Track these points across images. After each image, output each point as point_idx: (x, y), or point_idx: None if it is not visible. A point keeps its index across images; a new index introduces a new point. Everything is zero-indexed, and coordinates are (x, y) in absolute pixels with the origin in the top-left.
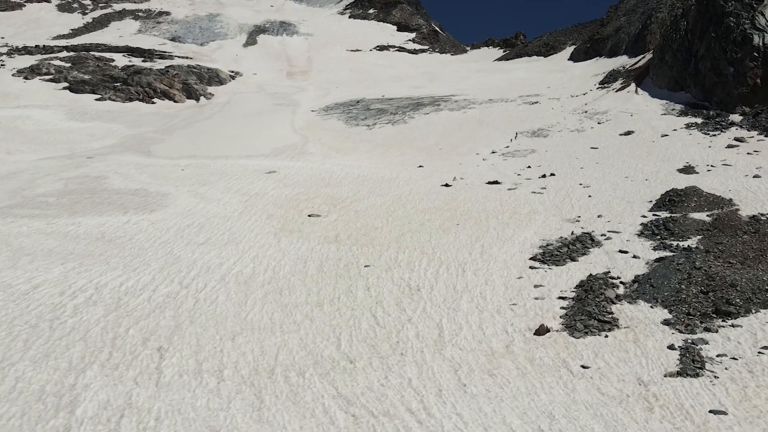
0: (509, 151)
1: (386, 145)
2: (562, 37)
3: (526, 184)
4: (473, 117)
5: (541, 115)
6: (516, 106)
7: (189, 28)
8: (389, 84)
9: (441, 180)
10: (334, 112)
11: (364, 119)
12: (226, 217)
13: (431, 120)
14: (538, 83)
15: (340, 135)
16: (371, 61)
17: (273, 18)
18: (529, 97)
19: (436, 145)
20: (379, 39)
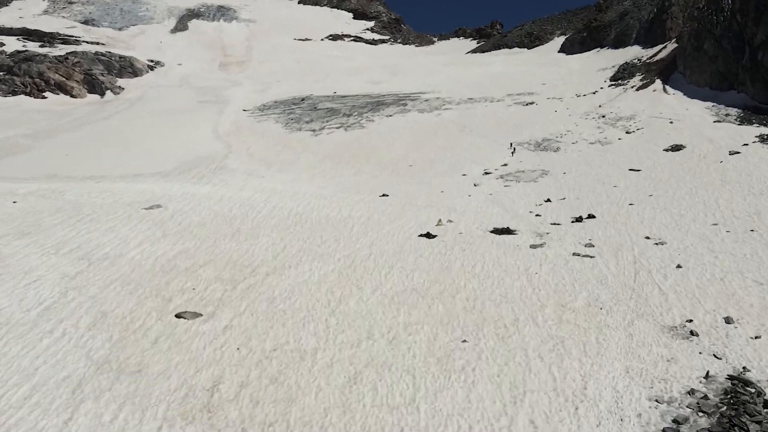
0: (510, 172)
1: (337, 159)
2: (548, 25)
3: (556, 235)
4: (451, 121)
5: (542, 119)
6: (506, 107)
7: (107, 9)
8: (343, 78)
9: (418, 222)
10: (272, 112)
11: (309, 122)
12: None
13: (396, 124)
14: (527, 79)
15: (276, 143)
16: (322, 52)
17: (210, 2)
18: (521, 96)
19: (405, 160)
20: (332, 27)
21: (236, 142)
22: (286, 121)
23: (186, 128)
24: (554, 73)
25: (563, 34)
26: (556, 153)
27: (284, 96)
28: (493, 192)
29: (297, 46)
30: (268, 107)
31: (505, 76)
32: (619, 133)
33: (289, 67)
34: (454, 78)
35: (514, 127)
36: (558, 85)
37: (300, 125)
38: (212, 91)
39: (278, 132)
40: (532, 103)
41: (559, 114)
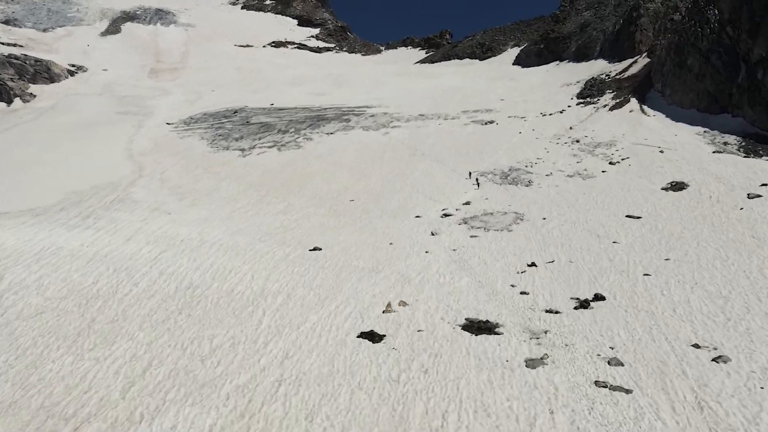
0: (474, 214)
1: (264, 188)
2: (500, 36)
3: (559, 337)
4: (400, 141)
5: (506, 142)
6: (462, 126)
7: (33, 9)
8: (284, 88)
9: (359, 306)
10: (199, 126)
11: (238, 139)
12: None
13: (338, 144)
14: (483, 93)
15: (197, 165)
16: (264, 59)
17: (147, 4)
18: (478, 113)
19: (346, 192)
20: (276, 34)
21: (151, 163)
22: (213, 138)
23: (93, 146)
24: (512, 89)
25: (517, 45)
26: (528, 188)
27: (216, 107)
28: (457, 247)
29: (238, 52)
30: (196, 120)
31: (459, 89)
32: (600, 163)
33: (227, 75)
34: (403, 90)
35: (474, 153)
36: (518, 102)
37: (228, 143)
38: (136, 101)
39: (202, 151)
40: (492, 122)
41: (524, 137)
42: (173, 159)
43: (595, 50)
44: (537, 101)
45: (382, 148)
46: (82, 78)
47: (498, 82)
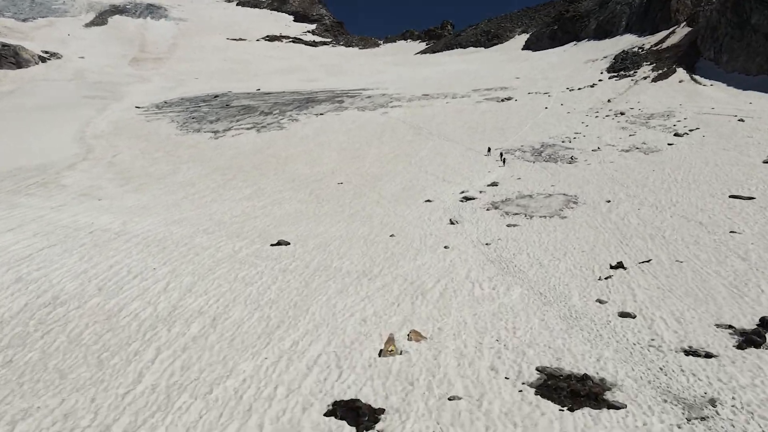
0: (506, 196)
1: (232, 171)
2: (506, 23)
3: (741, 416)
4: (401, 121)
5: (531, 117)
6: (474, 104)
7: (16, 1)
8: (273, 77)
9: (334, 346)
10: (171, 110)
11: (213, 121)
12: None
13: (328, 124)
14: (494, 74)
15: (158, 149)
16: (256, 52)
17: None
18: (492, 91)
19: (334, 174)
20: (270, 29)
21: (103, 146)
22: (185, 121)
23: (44, 128)
24: (528, 68)
25: (525, 31)
26: (573, 165)
27: (196, 93)
28: (491, 240)
29: (229, 45)
30: (170, 104)
31: (467, 72)
32: (662, 135)
33: (213, 65)
34: (404, 76)
35: (492, 130)
36: (537, 79)
37: (201, 125)
38: (109, 87)
39: (168, 134)
40: (510, 98)
41: (552, 112)
42: (132, 142)
43: (620, 25)
44: (559, 78)
45: (380, 128)
46: (54, 64)
47: (510, 64)
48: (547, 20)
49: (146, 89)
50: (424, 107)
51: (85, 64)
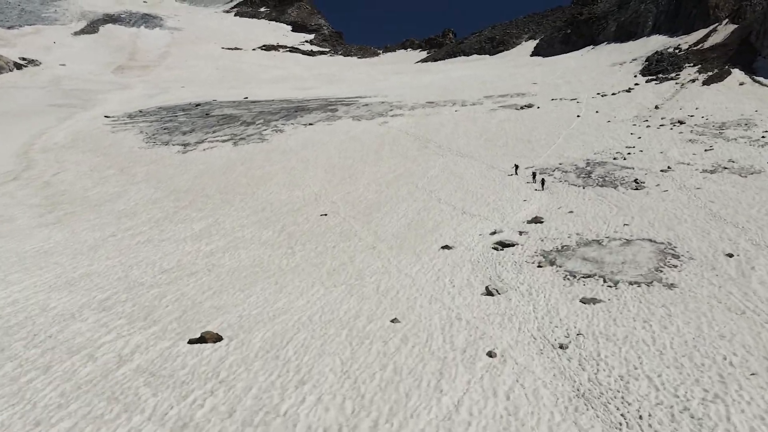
0: (563, 241)
1: (189, 197)
2: (512, 29)
3: None
4: (403, 131)
5: (563, 128)
6: (488, 111)
7: (3, 8)
8: (265, 85)
9: None
10: (144, 119)
11: (187, 133)
12: None
13: (316, 136)
14: (507, 79)
15: (111, 165)
16: (250, 61)
17: (134, 9)
18: (508, 97)
19: (317, 203)
20: (267, 38)
21: (47, 162)
22: (155, 132)
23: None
24: (545, 73)
25: (532, 37)
26: (640, 192)
27: (177, 101)
28: (564, 337)
29: (223, 54)
30: (145, 114)
31: (475, 78)
32: (753, 150)
33: (204, 73)
34: (405, 83)
35: (517, 142)
36: (559, 84)
37: (171, 137)
38: (83, 94)
39: (131, 147)
40: (530, 106)
41: (588, 121)
42: (85, 156)
43: (645, 26)
44: (585, 82)
45: (379, 140)
46: (30, 71)
47: (522, 69)
48: (558, 25)
49: (125, 97)
50: (430, 116)
51: (64, 71)
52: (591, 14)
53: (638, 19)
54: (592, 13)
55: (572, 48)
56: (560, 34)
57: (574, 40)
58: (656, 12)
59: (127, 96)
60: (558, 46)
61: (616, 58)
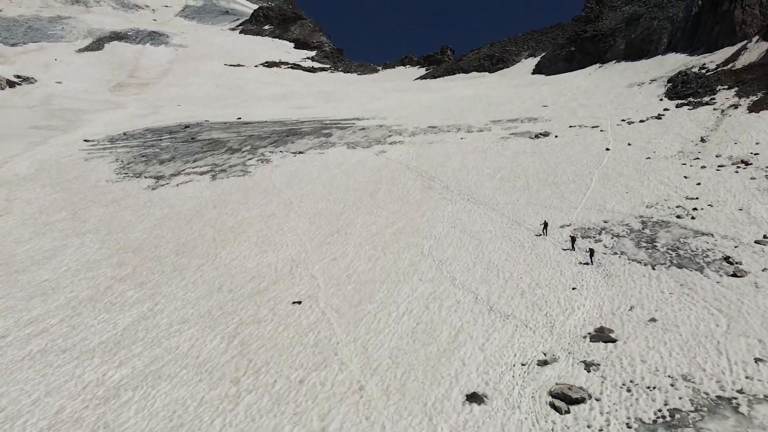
0: (667, 401)
1: (137, 258)
2: (511, 46)
3: None
4: (404, 164)
5: (592, 165)
6: (498, 140)
7: (10, 26)
8: (263, 103)
9: None
10: (125, 144)
11: (165, 161)
12: None
13: (305, 168)
14: (513, 101)
15: (66, 205)
16: (251, 78)
17: (142, 27)
18: (517, 123)
19: (293, 275)
20: (270, 55)
21: None
22: (131, 160)
23: None
24: (554, 94)
25: (532, 54)
26: (744, 282)
27: (167, 122)
28: None
29: (225, 71)
30: (129, 137)
31: (478, 98)
32: None
33: (202, 91)
34: (406, 102)
35: (540, 184)
36: (574, 107)
37: (147, 167)
38: (71, 114)
39: (98, 180)
40: (546, 134)
41: (622, 155)
42: (40, 192)
43: (659, 44)
44: (604, 106)
45: (375, 176)
46: (23, 90)
47: (527, 89)
48: (559, 42)
49: (114, 117)
50: (433, 144)
51: (58, 89)
52: (596, 32)
53: (651, 36)
54: (597, 30)
55: (577, 66)
56: (563, 52)
57: (579, 58)
58: (671, 29)
59: (118, 116)
60: (561, 64)
61: (631, 78)
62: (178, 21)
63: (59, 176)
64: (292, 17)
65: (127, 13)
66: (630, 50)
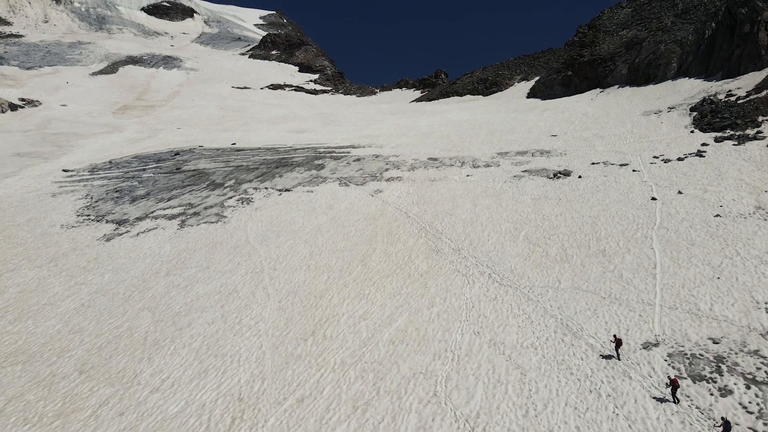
0: None
1: (21, 380)
2: (504, 70)
3: None
4: (403, 211)
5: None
6: (511, 180)
7: (30, 50)
8: (262, 126)
9: None
10: (104, 175)
11: (137, 199)
12: None
13: (288, 212)
14: (516, 129)
15: None
16: (256, 100)
17: (158, 52)
18: (527, 156)
19: (243, 412)
20: (275, 78)
21: None
22: (101, 196)
23: None
24: (559, 121)
25: (525, 78)
26: None
27: (159, 147)
28: None
29: (231, 93)
30: (113, 165)
31: (478, 124)
32: None
33: (205, 113)
34: (403, 127)
35: (580, 252)
36: (589, 138)
37: (115, 206)
38: (64, 139)
39: (51, 225)
40: (567, 173)
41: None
42: None
43: (668, 67)
44: (623, 137)
45: (369, 227)
46: (24, 113)
47: (528, 115)
48: (554, 66)
49: (107, 142)
50: (435, 183)
51: (60, 112)
52: (594, 56)
53: (657, 60)
54: (595, 54)
55: (575, 91)
56: (559, 76)
57: (577, 82)
58: (681, 53)
59: (112, 141)
60: (558, 88)
61: (643, 105)
62: (193, 47)
63: (10, 218)
64: (298, 43)
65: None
66: (634, 75)
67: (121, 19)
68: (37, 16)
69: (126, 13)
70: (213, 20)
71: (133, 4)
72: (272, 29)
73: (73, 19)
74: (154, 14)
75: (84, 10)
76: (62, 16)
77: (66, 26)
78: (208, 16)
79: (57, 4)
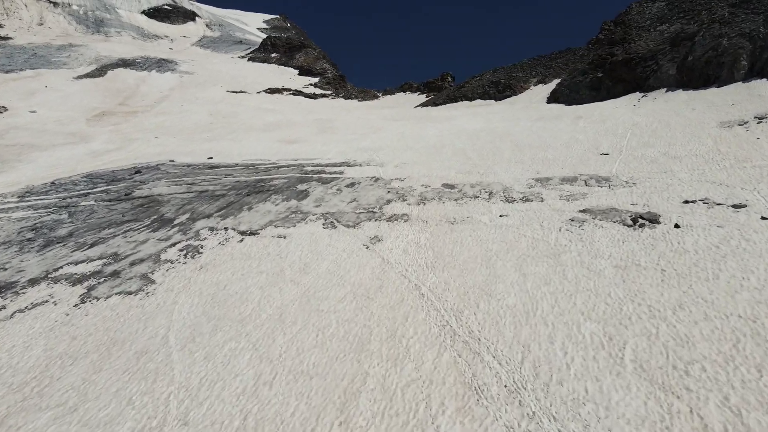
0: None
1: None
2: (518, 73)
3: None
4: (406, 277)
5: None
6: (569, 227)
7: (14, 53)
8: (250, 135)
9: None
10: (33, 203)
11: (52, 244)
12: None
13: (241, 278)
14: (546, 143)
15: None
16: (250, 105)
17: (153, 55)
18: (581, 186)
19: None
20: (274, 82)
21: None
22: (8, 237)
23: None
24: (601, 132)
25: (542, 81)
26: None
27: (121, 163)
28: None
29: (225, 97)
30: (51, 189)
31: (498, 135)
32: None
33: (192, 120)
34: (408, 137)
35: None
36: (657, 158)
37: (13, 257)
38: (13, 152)
39: None
40: (653, 220)
41: None
42: None
43: (735, 67)
44: (709, 159)
45: (359, 316)
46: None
47: (557, 124)
48: (578, 67)
49: (65, 155)
50: (457, 226)
51: (26, 119)
52: (630, 54)
53: (720, 58)
54: (631, 52)
55: (607, 95)
56: (586, 78)
57: (609, 85)
58: (751, 48)
59: (71, 154)
60: (585, 92)
61: (714, 114)
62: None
63: None
64: (298, 45)
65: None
66: (687, 76)
67: (120, 22)
68: (31, 19)
69: (126, 17)
70: (215, 24)
71: (133, 7)
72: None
73: (70, 22)
74: (155, 17)
75: (82, 12)
76: (59, 19)
77: (61, 29)
78: (210, 20)
79: (54, 6)
